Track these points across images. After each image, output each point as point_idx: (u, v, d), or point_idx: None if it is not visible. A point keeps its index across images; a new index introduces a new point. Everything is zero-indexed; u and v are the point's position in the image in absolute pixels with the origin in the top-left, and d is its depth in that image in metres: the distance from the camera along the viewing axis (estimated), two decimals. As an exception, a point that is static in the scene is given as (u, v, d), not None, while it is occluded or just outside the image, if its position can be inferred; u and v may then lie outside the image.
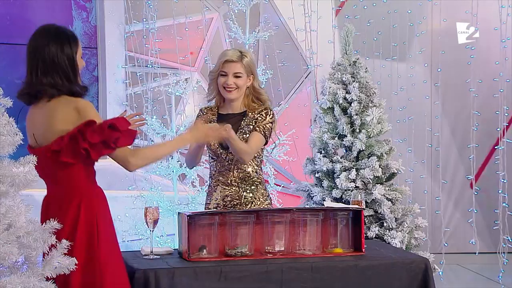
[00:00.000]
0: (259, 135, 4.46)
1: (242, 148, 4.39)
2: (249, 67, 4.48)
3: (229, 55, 4.48)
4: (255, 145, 4.45)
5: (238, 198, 4.52)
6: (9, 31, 6.56)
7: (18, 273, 3.44)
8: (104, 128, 3.65)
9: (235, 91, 4.49)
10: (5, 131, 3.52)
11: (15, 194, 3.51)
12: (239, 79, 4.48)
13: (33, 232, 3.47)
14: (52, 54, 3.73)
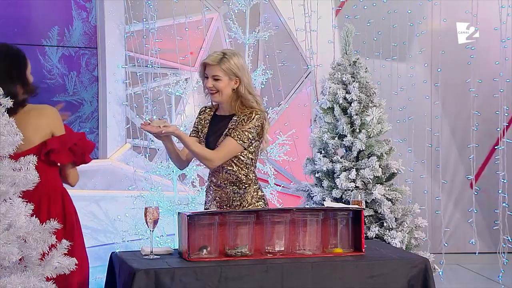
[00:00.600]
0: (232, 141, 4.42)
1: (200, 154, 4.42)
2: (230, 70, 4.44)
3: (208, 58, 4.49)
4: (224, 150, 4.42)
5: (227, 200, 4.52)
6: (9, 31, 6.56)
7: (18, 273, 3.45)
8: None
9: (217, 94, 4.47)
10: (5, 131, 3.52)
11: (15, 194, 3.51)
12: (219, 82, 4.45)
13: (33, 232, 3.47)
14: None
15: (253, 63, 7.23)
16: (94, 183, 6.78)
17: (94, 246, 6.61)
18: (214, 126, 4.54)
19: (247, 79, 4.50)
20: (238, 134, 4.42)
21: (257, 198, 4.54)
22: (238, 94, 4.48)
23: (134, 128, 7.14)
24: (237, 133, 4.42)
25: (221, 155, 4.42)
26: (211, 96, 4.51)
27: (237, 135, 4.41)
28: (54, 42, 6.81)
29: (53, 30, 6.82)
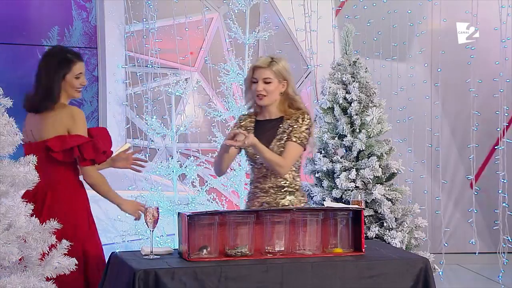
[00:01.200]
0: (295, 145, 4.47)
1: (274, 160, 4.42)
2: (279, 73, 4.49)
3: (259, 61, 4.55)
4: (291, 156, 4.46)
5: (276, 206, 4.50)
6: (9, 31, 6.56)
7: (18, 273, 3.45)
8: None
9: (266, 98, 4.49)
10: (5, 131, 3.53)
11: (15, 194, 3.51)
12: (269, 85, 4.48)
13: (33, 232, 3.47)
14: None
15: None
16: (94, 183, 6.77)
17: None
18: (261, 131, 4.52)
19: (292, 81, 4.54)
20: (298, 137, 4.46)
21: (303, 203, 4.55)
22: (287, 97, 4.52)
23: (134, 128, 7.15)
24: (297, 136, 4.46)
25: (289, 161, 4.46)
26: (259, 101, 4.50)
27: (298, 138, 4.46)
28: (54, 42, 6.81)
29: (53, 30, 6.82)
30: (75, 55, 4.57)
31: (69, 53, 4.57)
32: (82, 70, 4.58)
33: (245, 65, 6.96)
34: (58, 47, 4.68)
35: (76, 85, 4.54)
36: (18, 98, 4.61)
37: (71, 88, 4.54)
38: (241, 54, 7.03)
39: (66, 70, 4.50)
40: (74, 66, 4.53)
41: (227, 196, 7.09)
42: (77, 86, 4.55)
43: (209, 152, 6.99)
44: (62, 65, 4.51)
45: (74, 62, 4.53)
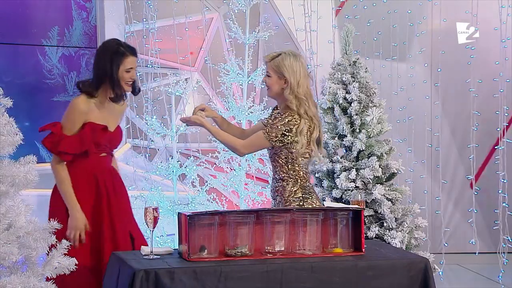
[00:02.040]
0: (260, 135, 4.51)
1: (227, 143, 4.62)
2: (278, 68, 4.51)
3: (266, 55, 4.62)
4: (250, 142, 4.55)
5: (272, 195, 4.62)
6: (9, 31, 6.55)
7: (18, 273, 3.45)
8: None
9: (268, 90, 4.59)
10: (5, 131, 3.53)
11: (15, 194, 3.51)
12: (268, 78, 4.56)
13: (33, 232, 3.47)
14: None
15: (253, 63, 7.23)
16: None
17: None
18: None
19: (296, 82, 4.50)
20: (267, 130, 4.49)
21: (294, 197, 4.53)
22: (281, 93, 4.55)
23: (134, 128, 7.14)
24: (268, 129, 4.49)
25: (247, 145, 4.56)
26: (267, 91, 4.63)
27: (266, 131, 4.49)
28: (54, 42, 6.81)
29: (53, 30, 6.82)
30: (128, 49, 4.65)
31: (122, 47, 4.65)
32: (133, 64, 4.65)
33: (245, 65, 6.96)
34: (113, 40, 4.75)
35: (126, 78, 4.62)
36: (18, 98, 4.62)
37: (122, 82, 4.63)
38: (241, 54, 7.03)
39: (118, 62, 4.59)
40: (125, 59, 4.61)
41: (227, 196, 7.09)
42: (126, 80, 4.63)
43: (209, 152, 6.99)
44: (115, 57, 4.60)
45: (126, 55, 4.62)
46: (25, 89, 6.61)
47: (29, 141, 6.25)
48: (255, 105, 6.97)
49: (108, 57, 4.60)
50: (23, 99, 6.50)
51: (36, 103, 6.67)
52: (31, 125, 6.56)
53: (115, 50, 4.62)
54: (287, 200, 4.50)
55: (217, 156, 6.90)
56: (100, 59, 4.64)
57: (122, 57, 4.61)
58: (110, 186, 4.69)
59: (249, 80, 6.95)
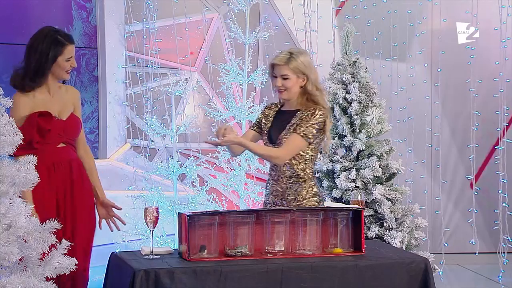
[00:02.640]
0: (296, 137, 4.51)
1: (266, 154, 4.54)
2: (297, 68, 4.53)
3: (276, 58, 4.58)
4: (288, 146, 4.51)
5: (282, 194, 4.55)
6: (9, 31, 6.55)
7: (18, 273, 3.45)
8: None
9: (285, 92, 4.57)
10: (5, 131, 3.52)
11: (15, 194, 3.51)
12: (287, 81, 4.54)
13: (33, 232, 3.47)
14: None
15: (253, 63, 7.23)
16: (94, 183, 6.77)
17: (94, 246, 6.60)
18: (278, 120, 4.64)
19: (314, 75, 4.59)
20: (303, 130, 4.50)
21: (312, 194, 4.55)
22: (305, 91, 4.58)
23: (134, 128, 7.14)
24: (302, 129, 4.50)
25: (287, 151, 4.51)
26: (280, 94, 4.60)
27: (302, 131, 4.49)
28: (54, 42, 6.80)
29: (53, 30, 6.81)
30: (66, 37, 4.59)
31: (59, 35, 4.57)
32: (72, 53, 4.58)
33: (245, 65, 6.95)
34: (48, 29, 4.63)
35: (66, 66, 4.57)
36: (18, 98, 4.61)
37: (61, 70, 4.57)
38: (241, 54, 7.03)
39: (58, 53, 4.52)
40: (65, 49, 4.55)
41: (227, 196, 7.09)
42: (67, 68, 4.58)
43: (209, 152, 6.99)
44: (54, 47, 4.53)
45: (65, 45, 4.55)
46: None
47: (29, 141, 6.24)
48: (255, 105, 6.97)
49: (46, 46, 4.52)
50: (23, 99, 6.47)
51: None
52: (31, 125, 6.55)
53: (54, 39, 4.54)
54: (305, 197, 4.53)
55: (217, 156, 6.90)
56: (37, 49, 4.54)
57: (61, 47, 4.54)
58: (68, 180, 4.58)
59: (249, 80, 6.95)
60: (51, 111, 4.57)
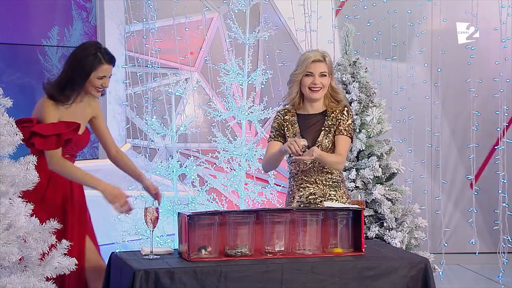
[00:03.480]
0: (345, 138, 4.57)
1: (334, 161, 4.55)
2: (331, 66, 4.59)
3: (314, 55, 4.56)
4: (344, 149, 4.57)
5: (323, 196, 4.57)
6: (9, 31, 6.55)
7: (18, 273, 3.45)
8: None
9: (321, 91, 4.57)
10: (5, 131, 3.53)
11: (15, 194, 3.51)
12: (325, 78, 4.56)
13: (33, 232, 3.47)
14: None
15: (253, 63, 7.23)
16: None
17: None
18: (305, 125, 4.60)
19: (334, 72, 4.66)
20: (347, 130, 4.57)
21: (347, 195, 4.64)
22: (331, 89, 4.61)
23: (134, 128, 7.14)
24: (346, 129, 4.57)
25: (344, 155, 4.59)
26: (314, 94, 4.57)
27: (347, 131, 4.57)
28: (54, 42, 6.81)
29: (53, 30, 6.81)
30: (107, 56, 4.57)
31: (100, 52, 4.55)
32: (107, 73, 4.58)
33: (245, 65, 6.96)
34: (92, 43, 4.69)
35: (97, 84, 4.56)
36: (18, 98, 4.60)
37: (92, 86, 4.56)
38: (241, 54, 7.03)
39: (92, 68, 4.51)
40: (101, 66, 4.53)
41: (227, 196, 7.09)
42: (97, 86, 4.57)
43: (209, 152, 6.99)
44: (91, 61, 4.51)
45: (102, 62, 4.53)
46: (25, 89, 6.61)
47: (29, 141, 6.25)
48: (255, 105, 6.97)
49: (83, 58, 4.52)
50: (23, 99, 6.49)
51: (36, 103, 6.66)
52: (31, 125, 6.56)
53: (93, 54, 4.52)
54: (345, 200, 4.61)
55: (217, 156, 6.90)
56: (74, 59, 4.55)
57: (97, 63, 4.52)
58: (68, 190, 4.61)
59: (249, 80, 6.95)
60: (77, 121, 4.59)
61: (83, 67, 4.50)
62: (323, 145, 4.56)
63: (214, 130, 6.95)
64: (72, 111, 4.58)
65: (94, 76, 4.53)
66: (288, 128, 4.61)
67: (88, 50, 4.55)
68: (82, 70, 4.50)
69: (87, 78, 4.53)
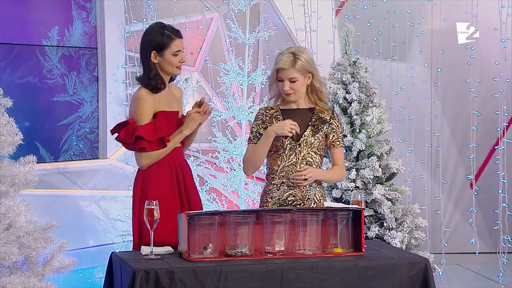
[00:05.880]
0: (341, 149, 4.64)
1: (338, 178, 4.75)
2: (304, 68, 4.51)
3: (282, 62, 4.50)
4: (342, 159, 4.67)
5: (302, 199, 4.53)
6: (9, 31, 6.55)
7: (18, 273, 3.45)
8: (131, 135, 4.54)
9: (293, 94, 4.54)
10: (5, 131, 3.53)
11: (15, 194, 3.52)
12: (295, 83, 4.52)
13: (33, 232, 3.48)
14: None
15: (253, 63, 7.23)
16: (94, 183, 6.78)
17: (94, 246, 6.61)
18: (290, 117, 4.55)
19: (317, 71, 4.60)
20: (341, 140, 4.64)
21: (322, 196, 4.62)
22: (313, 88, 4.59)
23: (134, 128, 7.14)
24: (340, 140, 4.63)
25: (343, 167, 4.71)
26: (288, 97, 4.55)
27: (341, 141, 4.64)
28: (54, 42, 6.81)
29: (53, 30, 6.82)
30: (173, 31, 4.59)
31: (166, 29, 4.57)
32: (180, 47, 4.58)
33: (245, 65, 6.96)
34: (155, 24, 4.67)
35: (174, 62, 4.56)
36: (18, 98, 4.62)
37: (169, 65, 4.57)
38: (241, 54, 7.03)
39: (164, 46, 4.54)
40: (172, 42, 4.55)
41: (227, 196, 7.09)
42: (175, 63, 4.57)
43: (209, 152, 6.99)
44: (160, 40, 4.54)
45: (172, 38, 4.56)
46: (25, 89, 6.61)
47: (29, 141, 6.27)
48: (255, 105, 6.97)
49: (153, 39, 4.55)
50: (23, 99, 6.50)
51: (36, 103, 6.67)
52: (31, 125, 6.57)
53: (160, 33, 4.55)
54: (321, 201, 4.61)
55: (217, 156, 6.90)
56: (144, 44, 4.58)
57: (168, 40, 4.55)
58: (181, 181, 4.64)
59: (249, 80, 6.95)
60: (173, 108, 4.64)
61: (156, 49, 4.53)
62: (308, 141, 4.53)
63: (214, 130, 6.95)
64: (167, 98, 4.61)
65: (169, 54, 4.55)
66: (272, 122, 4.54)
67: (153, 32, 4.58)
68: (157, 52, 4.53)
69: (161, 58, 4.54)
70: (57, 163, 6.71)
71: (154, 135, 4.52)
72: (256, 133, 4.58)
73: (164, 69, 4.59)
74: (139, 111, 4.53)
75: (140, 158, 4.58)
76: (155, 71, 4.57)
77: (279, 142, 4.53)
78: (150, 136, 4.50)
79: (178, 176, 4.62)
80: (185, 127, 4.62)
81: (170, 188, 4.57)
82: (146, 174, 4.59)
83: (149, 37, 4.59)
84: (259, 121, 4.60)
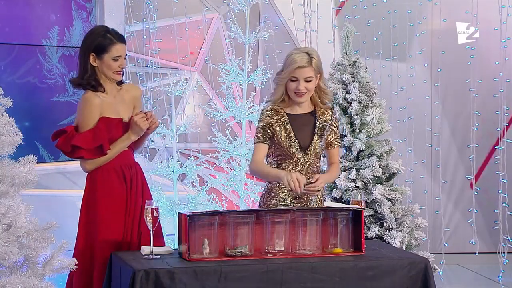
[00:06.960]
0: (338, 148, 4.67)
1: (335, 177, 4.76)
2: (317, 68, 4.49)
3: (299, 61, 4.44)
4: (338, 157, 4.73)
5: (306, 201, 4.51)
6: (9, 31, 6.55)
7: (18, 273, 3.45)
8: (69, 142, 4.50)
9: (306, 95, 4.50)
10: (5, 131, 3.53)
11: (15, 194, 3.52)
12: (310, 83, 4.49)
13: (33, 232, 3.47)
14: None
15: (253, 63, 7.23)
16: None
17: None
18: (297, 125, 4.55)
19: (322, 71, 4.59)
20: (339, 140, 4.67)
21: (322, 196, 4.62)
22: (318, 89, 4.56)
23: (134, 128, 7.13)
24: (338, 140, 4.66)
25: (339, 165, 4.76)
26: (299, 98, 4.50)
27: (338, 142, 4.67)
28: (54, 42, 6.81)
29: (53, 30, 6.81)
30: (116, 36, 4.52)
31: (109, 33, 4.51)
32: (121, 53, 4.50)
33: (245, 65, 6.96)
34: (98, 27, 4.64)
35: (113, 67, 4.49)
36: (18, 98, 4.62)
37: (108, 70, 4.50)
38: (241, 54, 7.03)
39: (104, 49, 4.47)
40: (113, 46, 4.48)
41: (227, 196, 7.09)
42: (114, 68, 4.50)
43: (209, 152, 6.99)
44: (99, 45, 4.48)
45: (113, 42, 4.49)
46: (25, 89, 6.61)
47: (29, 141, 6.26)
48: (255, 105, 6.97)
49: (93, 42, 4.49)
50: (23, 99, 6.49)
51: (36, 103, 6.67)
52: (31, 125, 6.56)
53: (101, 36, 4.48)
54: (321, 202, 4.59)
55: (217, 156, 6.90)
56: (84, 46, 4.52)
57: (108, 44, 4.47)
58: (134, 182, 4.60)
59: (249, 80, 6.95)
60: (119, 114, 4.55)
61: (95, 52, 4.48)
62: (314, 149, 4.53)
63: (214, 130, 6.95)
64: (113, 104, 4.54)
65: (108, 58, 4.48)
66: (280, 128, 4.51)
67: (95, 34, 4.52)
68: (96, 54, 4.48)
69: (100, 61, 4.48)
70: (57, 163, 6.71)
71: (92, 142, 4.45)
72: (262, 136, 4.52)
73: (103, 73, 4.52)
74: (85, 112, 4.47)
75: (84, 163, 4.54)
76: (90, 72, 4.50)
77: (287, 150, 4.51)
78: (87, 144, 4.45)
79: (126, 178, 4.57)
80: (132, 133, 4.55)
81: (116, 191, 4.53)
82: (93, 177, 4.57)
83: (90, 39, 4.53)
84: (265, 123, 4.53)
